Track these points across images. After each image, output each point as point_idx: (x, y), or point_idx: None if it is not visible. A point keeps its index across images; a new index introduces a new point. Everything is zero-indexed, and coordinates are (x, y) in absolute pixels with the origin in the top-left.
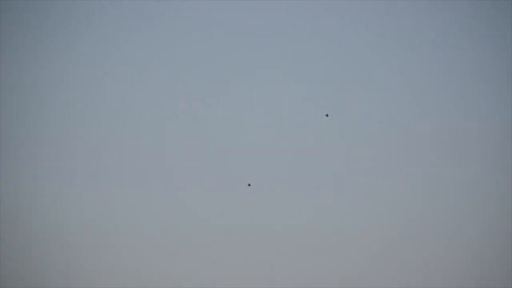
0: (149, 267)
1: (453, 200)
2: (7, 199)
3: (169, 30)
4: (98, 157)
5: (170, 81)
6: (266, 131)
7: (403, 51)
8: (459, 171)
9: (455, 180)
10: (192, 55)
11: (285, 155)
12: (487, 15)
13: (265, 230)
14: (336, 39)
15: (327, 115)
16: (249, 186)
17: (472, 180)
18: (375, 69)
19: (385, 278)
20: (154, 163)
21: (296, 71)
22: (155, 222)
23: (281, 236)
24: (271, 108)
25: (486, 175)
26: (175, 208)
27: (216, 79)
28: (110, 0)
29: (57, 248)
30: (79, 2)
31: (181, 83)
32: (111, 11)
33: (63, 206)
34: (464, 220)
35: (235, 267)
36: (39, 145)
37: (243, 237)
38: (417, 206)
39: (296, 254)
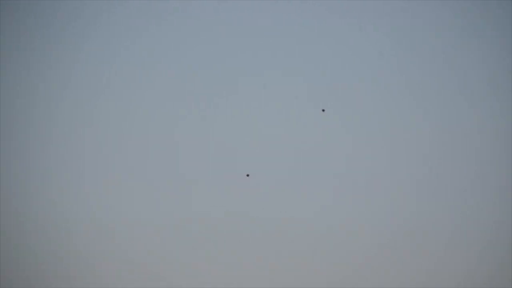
0: (154, 263)
1: (454, 195)
2: (13, 198)
3: (177, 30)
4: (105, 157)
5: (177, 81)
6: (272, 129)
7: (404, 49)
8: (460, 166)
9: (456, 176)
10: (199, 56)
11: (290, 153)
12: (488, 14)
13: (269, 224)
14: (339, 38)
15: (323, 110)
16: (247, 177)
17: (473, 176)
18: (378, 68)
19: (386, 272)
20: (160, 163)
21: (301, 71)
22: (162, 219)
23: (284, 229)
24: (277, 107)
25: (487, 172)
26: (183, 207)
27: (223, 79)
28: (118, 0)
29: (62, 244)
30: (87, 2)
31: (188, 83)
32: (119, 11)
33: (69, 204)
34: (466, 216)
35: (237, 259)
36: (47, 144)
37: (247, 231)
38: (419, 202)
39: (297, 247)
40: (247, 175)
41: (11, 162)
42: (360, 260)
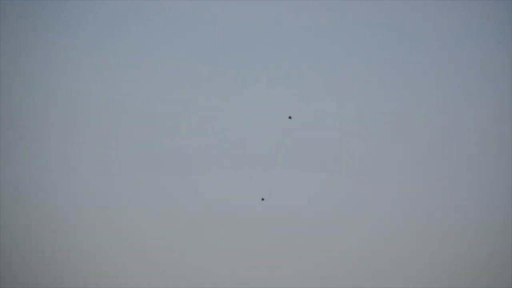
0: (156, 256)
1: (447, 184)
2: (13, 193)
3: (174, 29)
4: (105, 153)
5: (177, 77)
6: (270, 125)
7: (398, 43)
8: (454, 158)
9: (450, 165)
10: (198, 53)
11: (288, 148)
12: (487, 14)
13: (269, 211)
14: (335, 34)
15: (290, 117)
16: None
17: (467, 165)
18: (374, 66)
19: (382, 262)
20: (159, 158)
21: (298, 68)
22: (162, 213)
23: (284, 217)
24: (274, 102)
25: (485, 165)
26: (181, 202)
27: (222, 75)
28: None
29: (63, 238)
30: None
31: (188, 79)
32: (116, 8)
33: (70, 199)
34: (461, 201)
35: (234, 250)
36: (49, 139)
37: (246, 223)
38: (414, 196)
39: (295, 237)
40: (262, 199)
41: (10, 158)
42: (356, 249)
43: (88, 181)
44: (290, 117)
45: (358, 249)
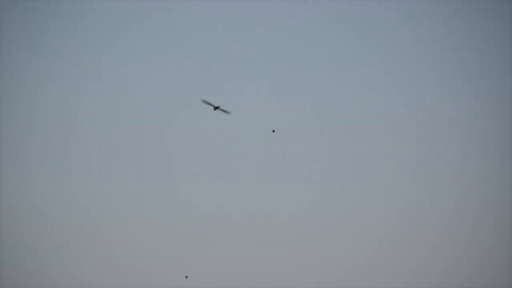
0: (148, 263)
1: (441, 186)
2: (6, 198)
3: (178, 30)
4: (96, 157)
5: (172, 80)
6: (262, 129)
7: (391, 45)
8: (449, 161)
9: (444, 167)
10: (195, 55)
11: (288, 145)
12: (488, 14)
13: (261, 220)
14: (329, 39)
15: (273, 131)
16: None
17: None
18: (375, 69)
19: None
20: (152, 163)
21: (298, 69)
22: (156, 219)
23: (279, 228)
24: (268, 106)
25: (481, 163)
26: (177, 207)
27: (224, 79)
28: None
29: (54, 246)
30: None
31: (184, 82)
32: (118, 12)
33: (62, 206)
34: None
35: (233, 253)
36: (38, 144)
37: (240, 228)
38: (408, 198)
39: (290, 241)
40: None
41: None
42: (356, 252)
43: (78, 189)
44: (273, 131)
45: (358, 252)
